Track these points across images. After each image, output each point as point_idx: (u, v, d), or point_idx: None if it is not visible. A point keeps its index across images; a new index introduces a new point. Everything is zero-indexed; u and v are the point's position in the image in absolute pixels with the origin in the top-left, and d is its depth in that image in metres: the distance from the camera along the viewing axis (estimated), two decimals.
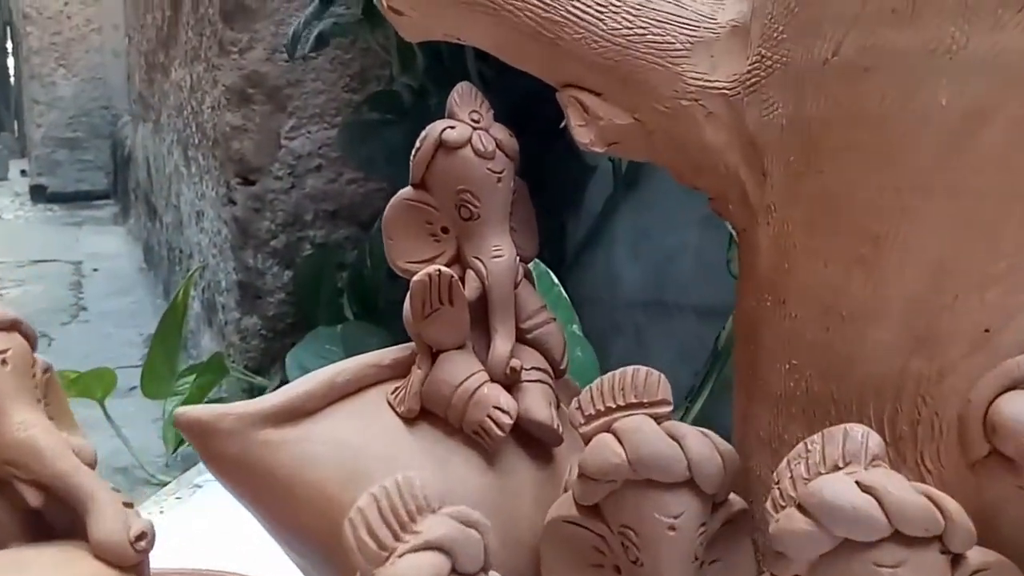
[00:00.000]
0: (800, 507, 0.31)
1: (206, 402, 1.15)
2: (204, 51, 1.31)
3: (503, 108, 0.93)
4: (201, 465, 0.39)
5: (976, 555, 0.31)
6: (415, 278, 0.38)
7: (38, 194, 4.20)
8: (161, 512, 0.75)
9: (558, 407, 0.42)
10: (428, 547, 0.28)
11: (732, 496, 0.38)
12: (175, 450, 1.30)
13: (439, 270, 0.38)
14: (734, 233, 0.41)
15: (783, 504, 0.32)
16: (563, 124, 0.40)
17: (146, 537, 0.34)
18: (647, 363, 0.36)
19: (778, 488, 0.33)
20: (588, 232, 0.88)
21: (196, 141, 1.49)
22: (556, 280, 0.58)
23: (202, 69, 1.34)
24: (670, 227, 0.82)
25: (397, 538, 0.28)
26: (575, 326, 0.57)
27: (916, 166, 0.32)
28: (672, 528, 0.35)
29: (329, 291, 1.16)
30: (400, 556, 0.28)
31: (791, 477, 0.32)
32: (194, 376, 1.31)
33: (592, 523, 0.37)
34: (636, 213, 0.85)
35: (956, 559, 0.31)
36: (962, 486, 0.32)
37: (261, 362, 1.25)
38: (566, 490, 0.39)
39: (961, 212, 0.31)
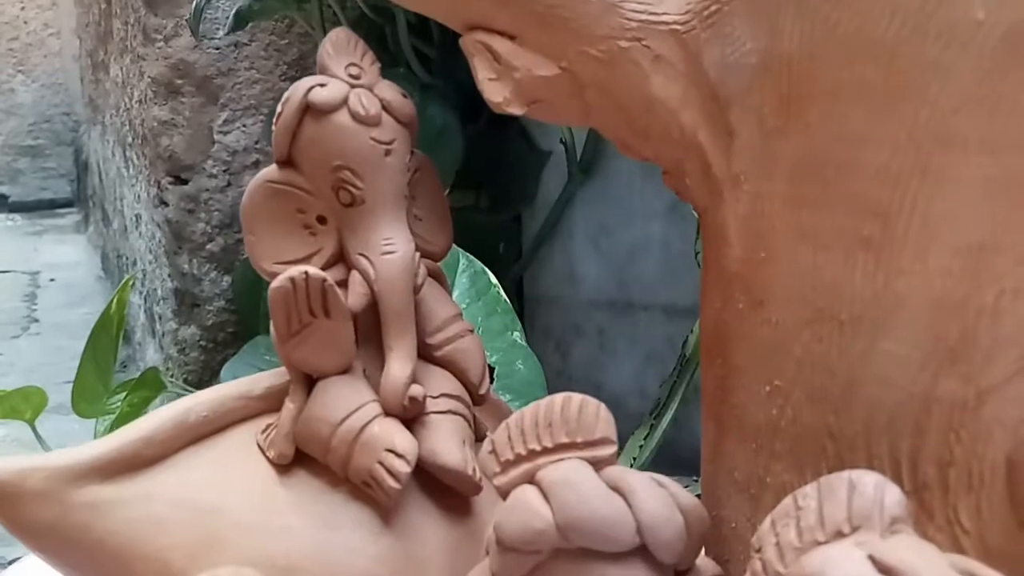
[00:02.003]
0: None
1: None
2: (130, 41, 1.21)
3: (449, 92, 0.84)
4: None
5: None
6: (272, 286, 0.29)
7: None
8: None
9: (479, 442, 0.32)
10: None
11: (701, 560, 0.29)
12: None
13: (305, 273, 0.29)
14: (697, 215, 0.32)
15: None
16: None
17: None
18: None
19: (760, 559, 0.24)
20: (544, 225, 0.79)
21: (130, 139, 1.39)
22: (494, 280, 0.49)
23: (129, 61, 1.24)
24: (633, 218, 0.73)
25: None
26: (516, 334, 0.48)
27: (941, 110, 0.23)
28: None
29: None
30: None
31: (777, 544, 0.23)
32: (126, 393, 1.21)
33: None
34: (595, 203, 0.76)
35: None
36: (1011, 553, 0.23)
37: (202, 375, 1.16)
38: (488, 554, 0.29)
39: (1005, 172, 0.22)
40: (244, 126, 1.10)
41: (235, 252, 1.13)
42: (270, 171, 0.31)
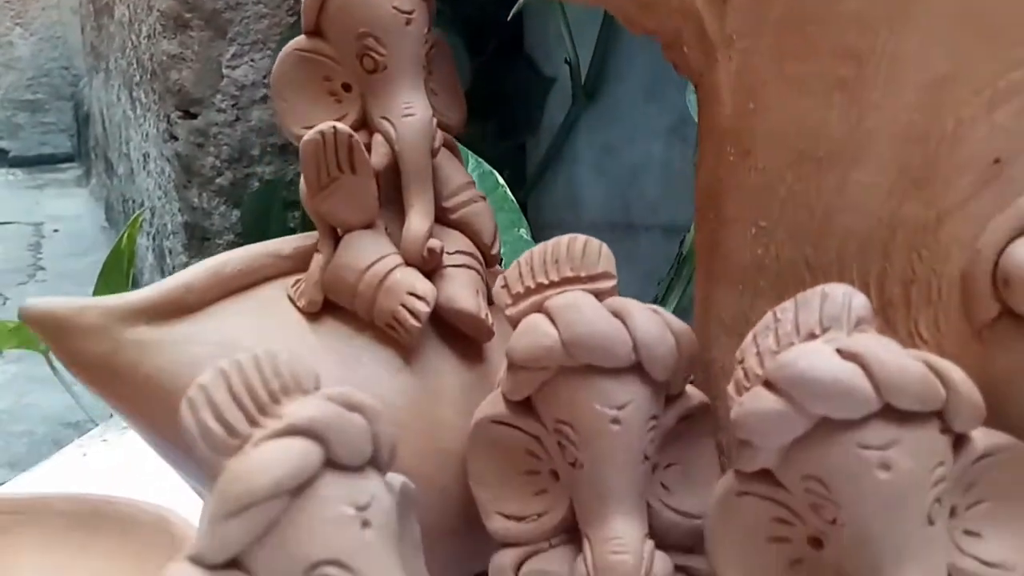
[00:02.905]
0: (768, 383, 0.25)
1: None
2: None
3: (456, 23, 0.86)
4: None
5: (983, 437, 0.26)
6: (304, 139, 0.31)
7: None
8: (84, 455, 0.69)
9: (489, 298, 0.35)
10: (292, 432, 0.22)
11: (689, 388, 0.32)
12: None
13: (334, 127, 0.31)
14: (693, 87, 0.34)
15: (747, 385, 0.26)
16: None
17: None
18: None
19: (742, 368, 0.27)
20: (548, 150, 0.81)
21: (138, 78, 1.40)
22: (501, 180, 0.51)
23: None
24: (634, 140, 0.76)
25: (253, 423, 0.22)
26: (523, 230, 0.51)
27: None
28: (616, 421, 0.29)
29: (279, 230, 1.09)
30: (256, 445, 0.22)
31: (758, 353, 0.26)
32: None
33: (524, 422, 0.31)
34: (598, 127, 0.78)
35: (959, 440, 0.25)
36: (966, 357, 0.26)
37: None
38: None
39: (966, 7, 0.25)
40: (252, 61, 1.12)
41: (244, 186, 1.16)
42: (299, 40, 0.34)
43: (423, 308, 0.32)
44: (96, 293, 1.30)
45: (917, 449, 0.24)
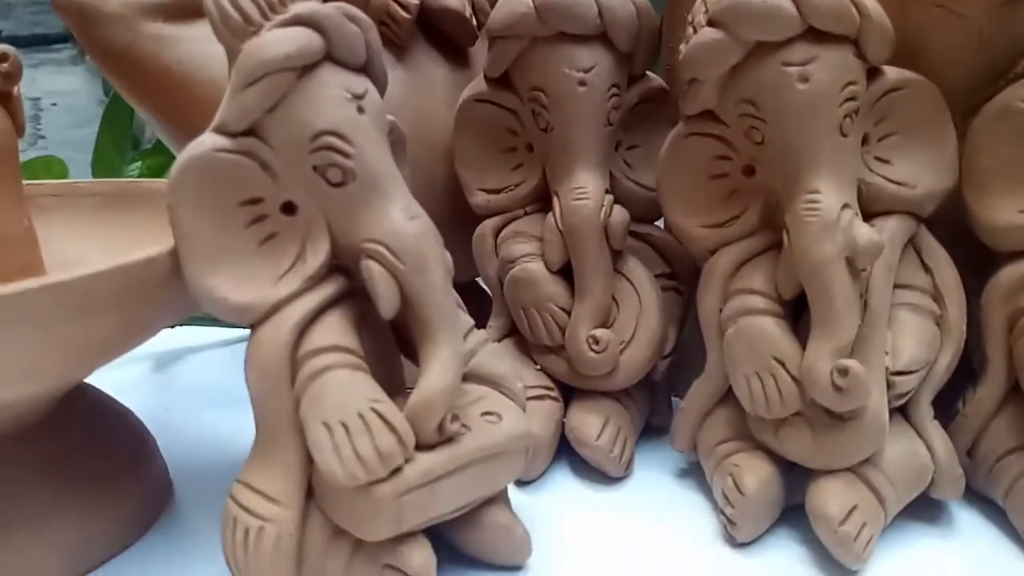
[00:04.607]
0: (711, 22, 0.29)
1: None
2: None
3: None
4: None
5: (895, 73, 0.30)
6: None
7: None
8: None
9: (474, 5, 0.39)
10: (298, 21, 0.25)
11: (650, 73, 0.36)
12: None
13: None
14: None
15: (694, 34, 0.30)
16: None
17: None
18: None
19: (692, 26, 0.30)
20: None
21: None
22: None
23: None
24: None
25: (264, 15, 0.26)
26: None
27: None
28: (582, 83, 0.33)
29: None
30: (268, 31, 0.25)
31: (706, 11, 0.30)
32: (143, 160, 1.28)
33: (503, 97, 0.35)
34: None
35: (873, 72, 0.29)
36: (888, 6, 0.29)
37: None
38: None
39: None
40: None
41: None
42: None
43: (413, 1, 0.36)
44: (99, 141, 1.32)
45: (832, 65, 0.28)
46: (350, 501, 0.25)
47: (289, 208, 0.26)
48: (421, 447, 0.25)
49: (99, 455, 0.30)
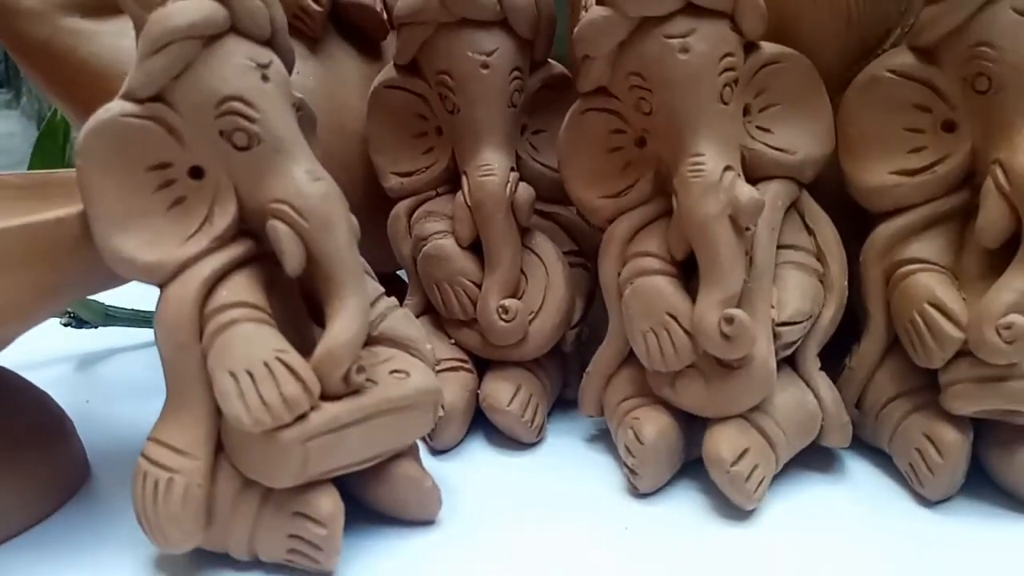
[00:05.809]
0: (600, 1, 0.31)
1: None
2: None
3: None
4: None
5: (771, 48, 0.32)
6: None
7: None
8: None
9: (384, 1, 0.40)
10: None
11: (552, 62, 0.37)
12: None
13: None
14: None
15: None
16: None
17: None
18: None
19: (584, 7, 0.32)
20: None
21: None
22: None
23: None
24: None
25: None
26: None
27: None
28: (485, 66, 0.34)
29: None
30: (174, 2, 0.27)
31: None
32: None
33: (412, 83, 0.36)
34: None
35: (751, 48, 0.31)
36: None
37: None
38: None
39: None
40: None
41: None
42: None
43: None
44: (31, 165, 1.31)
45: (710, 37, 0.30)
46: (257, 448, 0.26)
47: (197, 172, 0.27)
48: (327, 397, 0.26)
49: (6, 429, 0.30)
